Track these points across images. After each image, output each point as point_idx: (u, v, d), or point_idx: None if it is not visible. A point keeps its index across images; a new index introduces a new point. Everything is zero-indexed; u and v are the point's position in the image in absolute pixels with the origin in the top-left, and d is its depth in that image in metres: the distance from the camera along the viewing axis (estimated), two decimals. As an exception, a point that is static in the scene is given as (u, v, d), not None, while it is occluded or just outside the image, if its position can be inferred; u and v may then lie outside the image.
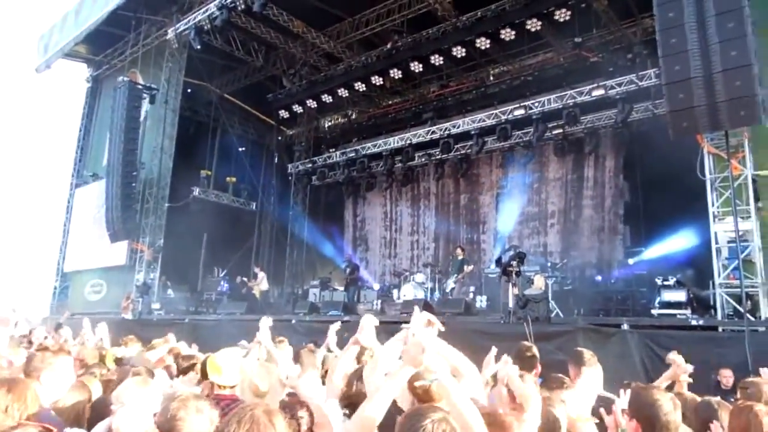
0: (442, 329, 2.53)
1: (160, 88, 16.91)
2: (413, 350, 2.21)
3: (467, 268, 12.95)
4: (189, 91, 18.80)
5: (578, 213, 15.08)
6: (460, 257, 13.41)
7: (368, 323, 2.81)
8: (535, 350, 4.16)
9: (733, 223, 8.04)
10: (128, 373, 3.71)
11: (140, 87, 16.63)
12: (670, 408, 2.43)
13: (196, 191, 18.50)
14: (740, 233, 8.12)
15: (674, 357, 3.92)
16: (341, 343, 5.52)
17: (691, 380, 3.86)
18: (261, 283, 15.87)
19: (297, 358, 4.22)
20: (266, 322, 5.07)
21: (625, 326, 8.06)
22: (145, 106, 16.89)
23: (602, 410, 2.66)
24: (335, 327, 5.26)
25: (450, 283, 13.09)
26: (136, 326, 12.79)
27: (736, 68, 7.11)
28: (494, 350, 3.60)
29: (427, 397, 2.39)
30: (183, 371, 4.20)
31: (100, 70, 20.77)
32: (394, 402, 2.25)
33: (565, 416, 2.75)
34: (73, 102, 22.41)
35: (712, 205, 8.85)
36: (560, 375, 3.54)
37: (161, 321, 13.96)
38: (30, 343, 6.92)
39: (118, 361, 4.49)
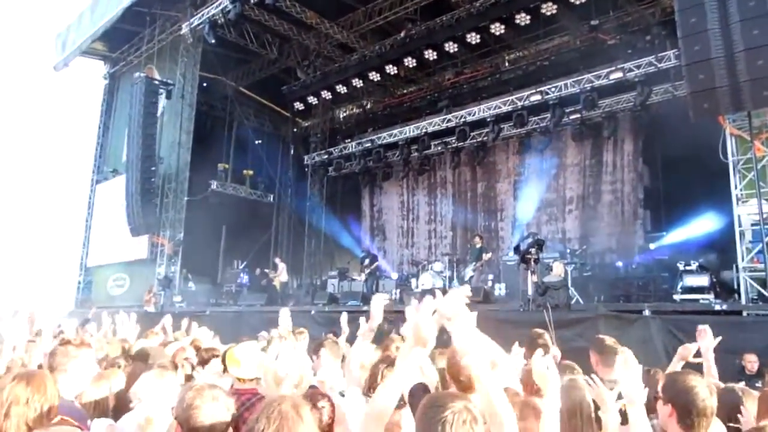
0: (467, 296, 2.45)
1: (176, 83, 17.03)
2: (422, 328, 2.15)
3: (485, 256, 12.90)
4: (205, 85, 18.89)
5: (597, 198, 14.91)
6: (478, 245, 13.36)
7: (377, 304, 2.81)
8: (547, 337, 4.12)
9: (757, 205, 7.89)
10: (147, 366, 3.75)
11: (157, 82, 16.77)
12: (706, 394, 2.40)
13: (214, 185, 18.64)
14: (765, 216, 7.96)
15: (703, 327, 3.81)
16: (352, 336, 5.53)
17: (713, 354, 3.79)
18: (281, 275, 16.00)
19: (318, 349, 4.20)
20: (286, 313, 5.12)
21: (647, 312, 7.97)
22: (162, 101, 17.03)
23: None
24: (345, 317, 5.32)
25: (468, 272, 13.06)
26: (158, 319, 12.96)
27: (759, 47, 6.94)
28: (517, 347, 3.58)
29: (470, 384, 2.38)
30: (204, 362, 4.24)
31: (117, 66, 20.97)
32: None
33: (590, 399, 2.72)
34: (92, 99, 22.70)
35: (735, 187, 8.68)
36: (568, 362, 3.49)
37: (183, 313, 14.12)
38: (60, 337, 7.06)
39: (138, 355, 4.55)
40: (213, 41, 15.36)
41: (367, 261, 14.94)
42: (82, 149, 22.52)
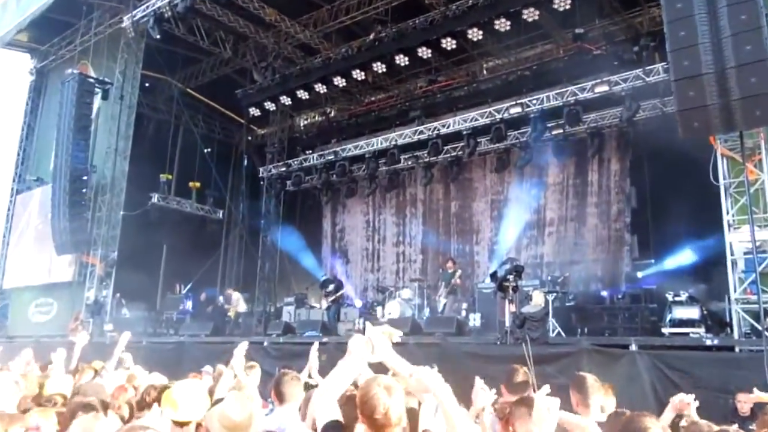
0: (397, 338, 2.68)
1: (115, 82, 16.77)
2: (352, 342, 2.48)
3: (456, 279, 13.01)
4: (147, 85, 18.67)
5: (581, 221, 15.20)
6: (451, 270, 13.45)
7: (357, 346, 2.77)
8: (528, 374, 4.17)
9: (750, 232, 8.12)
10: (80, 406, 3.64)
11: (92, 81, 16.48)
12: None
13: (155, 198, 18.35)
14: (757, 244, 8.18)
15: (677, 399, 3.94)
16: (321, 369, 5.49)
17: (697, 403, 3.91)
18: (238, 305, 15.87)
19: (278, 386, 4.10)
20: (242, 349, 5.02)
21: (634, 347, 8.11)
22: (98, 102, 16.74)
23: None
24: (316, 348, 5.25)
25: (441, 300, 13.11)
26: (86, 350, 12.58)
27: (751, 63, 7.21)
28: (480, 382, 3.59)
29: (387, 422, 2.36)
30: (143, 405, 4.11)
31: (45, 61, 20.54)
32: None
33: None
34: (15, 97, 22.15)
35: (727, 213, 8.88)
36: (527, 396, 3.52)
37: (115, 344, 13.76)
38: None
39: (70, 395, 4.39)
40: (158, 36, 15.22)
41: (331, 287, 14.86)
42: (2, 154, 21.92)
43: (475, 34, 12.94)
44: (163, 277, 18.92)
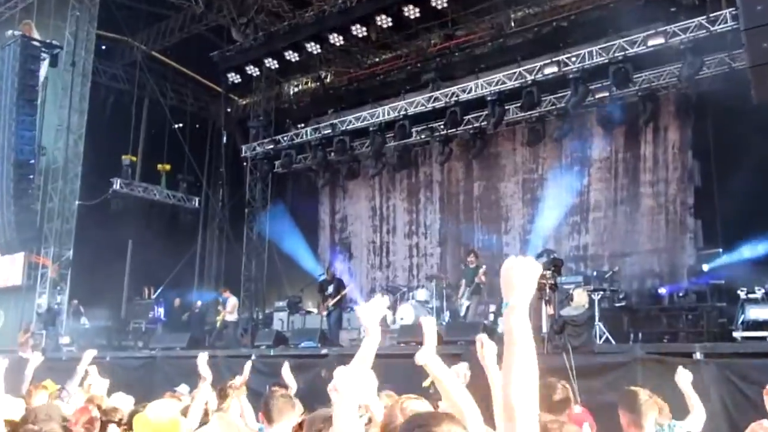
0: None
1: (65, 46, 16.76)
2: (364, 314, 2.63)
3: (481, 275, 12.99)
4: (104, 48, 18.68)
5: (634, 204, 15.12)
6: (473, 265, 13.42)
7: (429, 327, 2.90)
8: (568, 390, 4.14)
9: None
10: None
11: (37, 44, 16.46)
12: None
13: (117, 184, 18.40)
14: None
15: (759, 427, 3.92)
16: (318, 388, 5.50)
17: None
18: (233, 311, 15.88)
19: (267, 405, 4.24)
20: (203, 359, 5.14)
21: (699, 355, 8.05)
22: (45, 69, 16.72)
23: None
24: (286, 367, 5.34)
25: (463, 302, 13.10)
26: (38, 368, 12.67)
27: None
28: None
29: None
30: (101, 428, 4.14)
31: (-19, 22, 20.58)
32: None
33: None
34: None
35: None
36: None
37: (73, 360, 13.86)
38: None
39: (18, 422, 4.40)
40: (116, -11, 15.20)
41: (330, 288, 14.89)
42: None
43: (500, -23, 12.83)
44: (128, 279, 19.01)
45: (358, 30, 15.20)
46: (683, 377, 4.65)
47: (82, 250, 16.55)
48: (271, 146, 19.21)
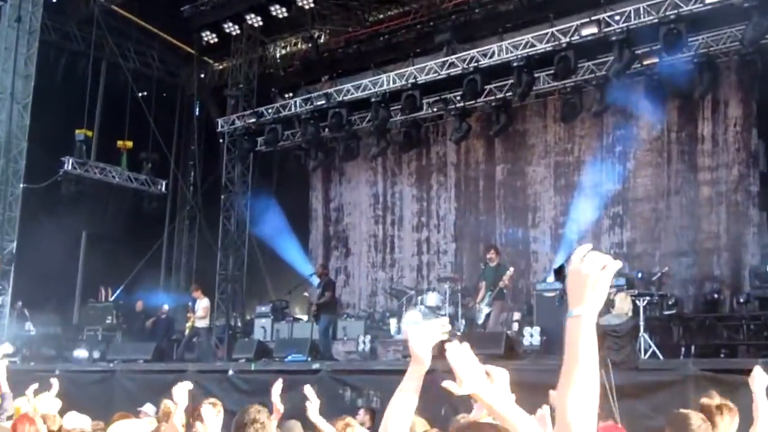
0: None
1: (7, -2, 16.75)
2: (414, 341, 2.58)
3: (506, 277, 12.98)
4: (55, 1, 18.59)
5: (688, 193, 15.10)
6: (494, 264, 13.42)
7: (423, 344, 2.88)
8: (610, 412, 4.18)
9: None
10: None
11: (-26, -5, 16.45)
12: None
13: (69, 164, 18.38)
14: None
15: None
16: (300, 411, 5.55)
17: None
18: (204, 315, 15.79)
19: (240, 429, 4.15)
20: (183, 389, 5.04)
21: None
22: (-17, 26, 16.71)
23: None
24: (278, 386, 5.37)
25: (482, 307, 13.12)
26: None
27: None
28: (546, 409, 3.63)
29: None
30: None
31: None
32: None
33: None
34: None
35: None
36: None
37: (16, 374, 13.92)
38: None
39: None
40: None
41: (319, 290, 14.91)
42: None
43: None
44: (82, 277, 19.04)
45: (359, -19, 15.16)
46: (759, 380, 4.44)
47: (27, 243, 16.52)
48: (253, 120, 19.19)
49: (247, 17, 16.85)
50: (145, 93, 20.36)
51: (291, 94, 19.51)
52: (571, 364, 2.02)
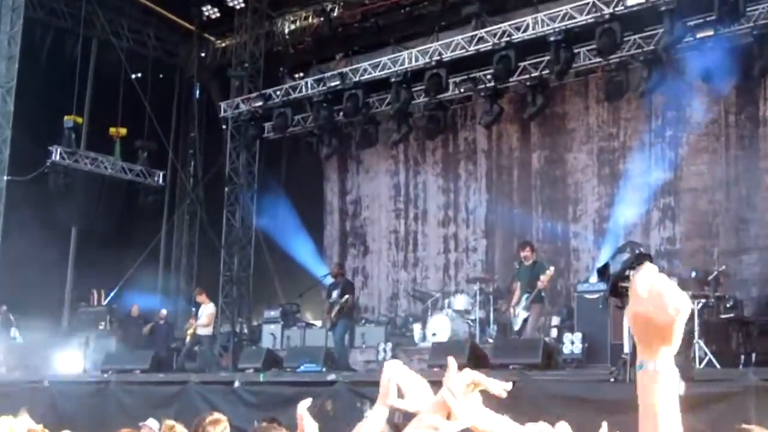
0: (503, 394, 2.56)
1: (-12, -30, 16.83)
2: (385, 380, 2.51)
3: (545, 276, 12.92)
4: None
5: (750, 183, 14.99)
6: (529, 262, 13.38)
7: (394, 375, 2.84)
8: None
9: None
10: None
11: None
12: None
13: (57, 154, 18.47)
14: None
15: None
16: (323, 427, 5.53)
17: None
18: (207, 322, 15.80)
19: None
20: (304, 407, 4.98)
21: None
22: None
23: None
24: (306, 403, 5.27)
25: (519, 311, 13.09)
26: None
27: None
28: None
29: None
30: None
31: None
32: None
33: None
34: None
35: None
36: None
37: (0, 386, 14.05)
38: None
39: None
40: None
41: (335, 293, 14.90)
42: None
43: None
44: (72, 279, 19.14)
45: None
46: None
47: (11, 241, 16.60)
48: (260, 103, 19.22)
49: (253, -11, 16.84)
50: (140, 75, 20.42)
51: (301, 74, 19.52)
52: (647, 428, 1.96)
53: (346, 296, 14.73)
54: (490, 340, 13.77)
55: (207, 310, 15.89)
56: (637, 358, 1.89)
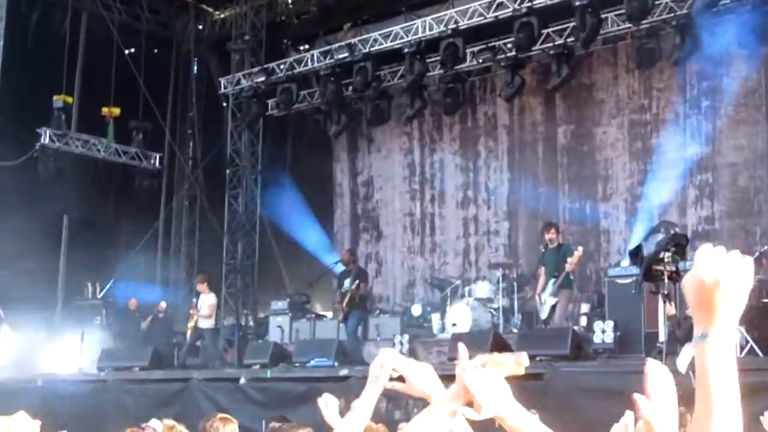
0: (520, 370, 2.60)
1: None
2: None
3: (573, 259, 12.90)
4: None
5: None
6: (555, 245, 13.37)
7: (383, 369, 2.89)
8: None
9: None
10: None
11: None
12: None
13: (47, 136, 18.52)
14: None
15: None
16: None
17: None
18: (207, 313, 15.82)
19: None
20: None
21: None
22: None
23: None
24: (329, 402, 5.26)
25: (545, 299, 13.10)
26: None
27: None
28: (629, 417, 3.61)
29: None
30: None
31: None
32: None
33: None
34: None
35: None
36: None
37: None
38: None
39: None
40: None
41: (347, 282, 14.93)
42: None
43: None
44: (65, 270, 19.20)
45: None
46: None
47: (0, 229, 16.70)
48: (262, 78, 19.17)
49: (253, -46, 16.81)
50: (134, 50, 20.39)
51: (307, 46, 19.50)
52: (706, 401, 1.96)
53: (357, 281, 14.75)
54: (515, 330, 13.79)
55: (208, 300, 15.90)
56: (694, 328, 1.91)
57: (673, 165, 15.72)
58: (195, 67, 21.72)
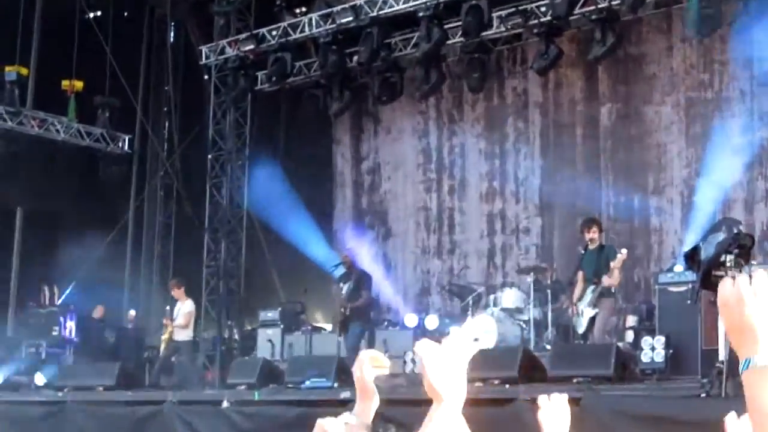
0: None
1: None
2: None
3: (616, 263, 12.90)
4: None
5: None
6: (596, 245, 13.36)
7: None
8: None
9: None
10: None
11: None
12: None
13: (-2, 115, 18.64)
14: None
15: None
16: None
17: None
18: (184, 322, 15.86)
19: None
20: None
21: None
22: None
23: None
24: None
25: (583, 309, 13.10)
26: None
27: None
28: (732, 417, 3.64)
29: None
30: None
31: None
32: None
33: None
34: None
35: None
36: None
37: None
38: None
39: None
40: None
41: (346, 286, 14.96)
42: None
43: None
44: (17, 272, 19.28)
45: None
46: None
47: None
48: (251, 46, 19.21)
49: None
50: (100, 13, 20.44)
51: (303, 9, 19.49)
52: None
53: (365, 290, 14.81)
54: (548, 347, 13.79)
55: (184, 308, 15.93)
56: (739, 355, 1.91)
57: (738, 152, 15.69)
58: (172, 34, 21.76)
